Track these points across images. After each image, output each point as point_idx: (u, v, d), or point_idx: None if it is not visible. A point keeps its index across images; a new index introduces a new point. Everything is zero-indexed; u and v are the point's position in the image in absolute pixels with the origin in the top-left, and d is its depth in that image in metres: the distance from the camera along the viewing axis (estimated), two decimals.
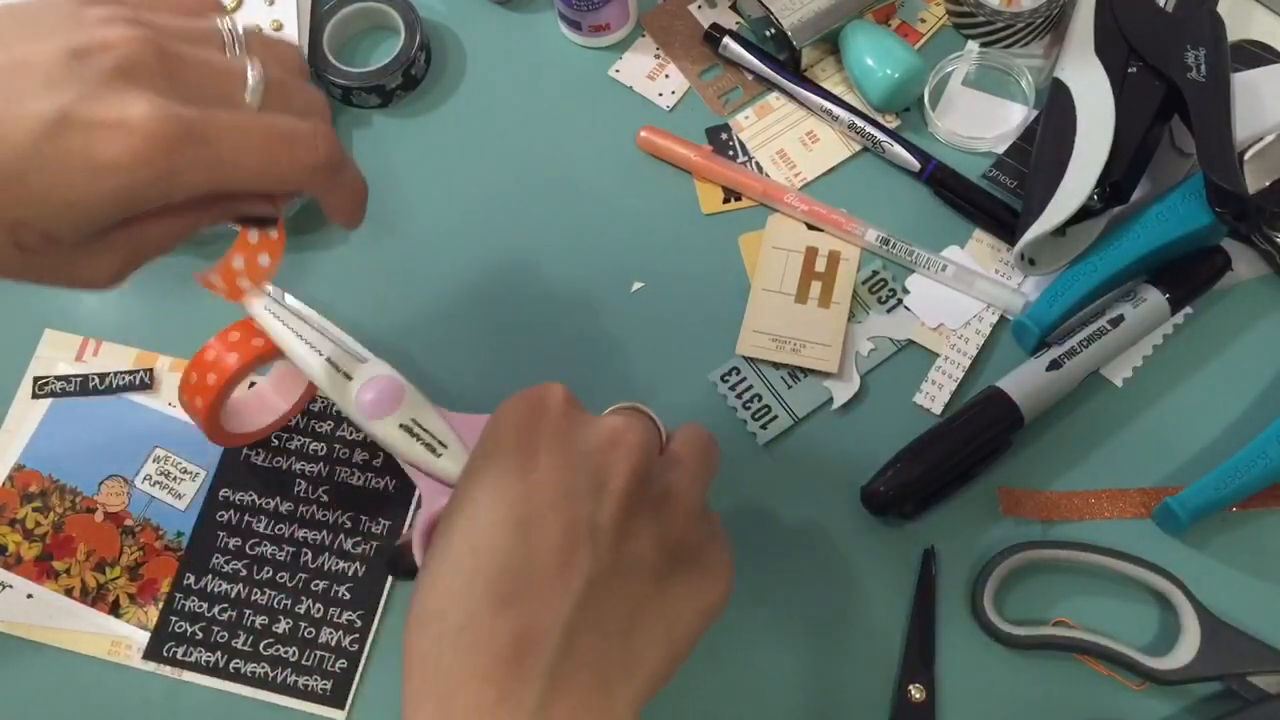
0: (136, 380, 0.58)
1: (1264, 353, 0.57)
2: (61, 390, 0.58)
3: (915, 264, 0.59)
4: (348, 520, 0.56)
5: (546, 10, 0.67)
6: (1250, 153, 0.57)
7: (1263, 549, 0.54)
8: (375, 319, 0.60)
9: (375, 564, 0.55)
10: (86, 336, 0.60)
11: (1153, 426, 0.56)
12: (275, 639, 0.54)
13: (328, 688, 0.53)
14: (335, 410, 0.58)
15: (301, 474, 0.57)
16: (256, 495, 0.57)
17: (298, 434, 0.58)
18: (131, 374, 0.59)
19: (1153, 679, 0.51)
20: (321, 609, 0.54)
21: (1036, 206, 0.56)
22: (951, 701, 0.52)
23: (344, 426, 0.58)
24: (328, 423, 0.58)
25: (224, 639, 0.54)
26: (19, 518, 0.56)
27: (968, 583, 0.53)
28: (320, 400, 0.58)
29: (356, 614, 0.54)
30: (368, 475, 0.57)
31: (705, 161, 0.62)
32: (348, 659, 0.53)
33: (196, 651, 0.54)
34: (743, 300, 0.59)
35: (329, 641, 0.54)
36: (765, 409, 0.57)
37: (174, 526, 0.56)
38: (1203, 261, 0.57)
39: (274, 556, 0.55)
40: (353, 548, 0.56)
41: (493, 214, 0.62)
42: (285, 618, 0.54)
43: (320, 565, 0.55)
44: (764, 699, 0.52)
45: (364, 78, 0.64)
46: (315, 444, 0.58)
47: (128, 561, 0.55)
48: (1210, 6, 0.60)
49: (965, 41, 0.65)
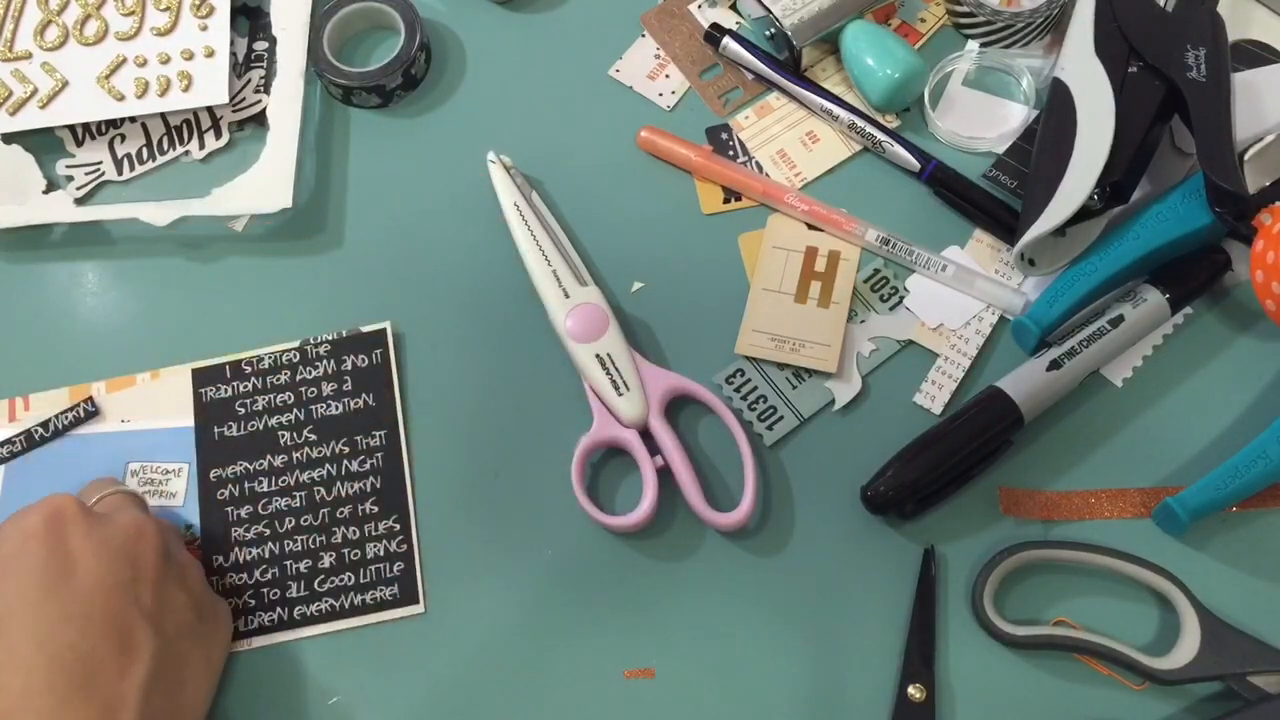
0: (81, 413, 0.57)
1: (1264, 353, 0.57)
2: (9, 454, 0.57)
3: (915, 264, 0.59)
4: (344, 446, 0.57)
5: (546, 10, 0.67)
6: (1250, 153, 0.57)
7: (1263, 549, 0.54)
8: (375, 318, 0.60)
9: (388, 471, 0.56)
10: (10, 397, 0.58)
11: (1153, 426, 0.56)
12: (326, 573, 0.55)
13: (396, 592, 0.54)
14: (288, 359, 0.58)
15: (280, 426, 0.58)
16: (247, 462, 0.57)
17: (259, 394, 0.58)
18: (72, 409, 0.58)
19: (1153, 679, 0.51)
20: (356, 530, 0.55)
21: (1036, 206, 0.56)
22: (951, 701, 0.52)
23: (304, 369, 0.58)
24: (283, 374, 0.58)
25: (277, 595, 0.55)
26: None
27: (968, 583, 0.53)
28: (270, 355, 0.59)
29: (391, 519, 0.55)
30: (344, 400, 0.58)
31: (705, 161, 0.62)
32: (403, 560, 0.55)
33: (257, 617, 0.54)
34: (742, 300, 0.59)
35: (377, 553, 0.55)
36: (771, 409, 0.57)
37: (181, 523, 0.56)
38: (1203, 261, 0.57)
39: (289, 506, 0.56)
40: (359, 466, 0.56)
41: (493, 214, 0.62)
42: (326, 552, 0.55)
43: (336, 494, 0.56)
44: (764, 698, 0.52)
45: (364, 78, 0.64)
46: (280, 395, 0.58)
47: None
48: (1210, 6, 0.60)
49: (965, 41, 0.65)
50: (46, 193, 0.62)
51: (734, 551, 0.55)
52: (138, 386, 0.58)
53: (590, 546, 0.55)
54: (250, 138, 0.65)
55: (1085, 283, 0.56)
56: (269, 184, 0.61)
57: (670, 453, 0.54)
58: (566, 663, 0.53)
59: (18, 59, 0.64)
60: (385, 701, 0.53)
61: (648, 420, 0.55)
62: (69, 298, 0.61)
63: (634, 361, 0.56)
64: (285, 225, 0.63)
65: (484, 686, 0.53)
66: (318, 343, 0.59)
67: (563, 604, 0.54)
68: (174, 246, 0.62)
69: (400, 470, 0.56)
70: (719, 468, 0.56)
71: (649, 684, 0.53)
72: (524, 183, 0.60)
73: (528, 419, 0.58)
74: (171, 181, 0.64)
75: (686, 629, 0.53)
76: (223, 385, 0.58)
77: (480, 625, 0.54)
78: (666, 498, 0.55)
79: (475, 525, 0.56)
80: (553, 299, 0.57)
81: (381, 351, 0.59)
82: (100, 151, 0.64)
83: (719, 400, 0.56)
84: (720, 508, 0.54)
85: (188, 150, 0.64)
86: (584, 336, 0.55)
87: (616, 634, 0.53)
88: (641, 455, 0.55)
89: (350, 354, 0.59)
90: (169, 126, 0.65)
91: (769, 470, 0.56)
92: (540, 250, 0.58)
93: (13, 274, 0.62)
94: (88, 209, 0.62)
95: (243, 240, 0.62)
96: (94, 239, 0.63)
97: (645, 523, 0.54)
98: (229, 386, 0.58)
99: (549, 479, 0.56)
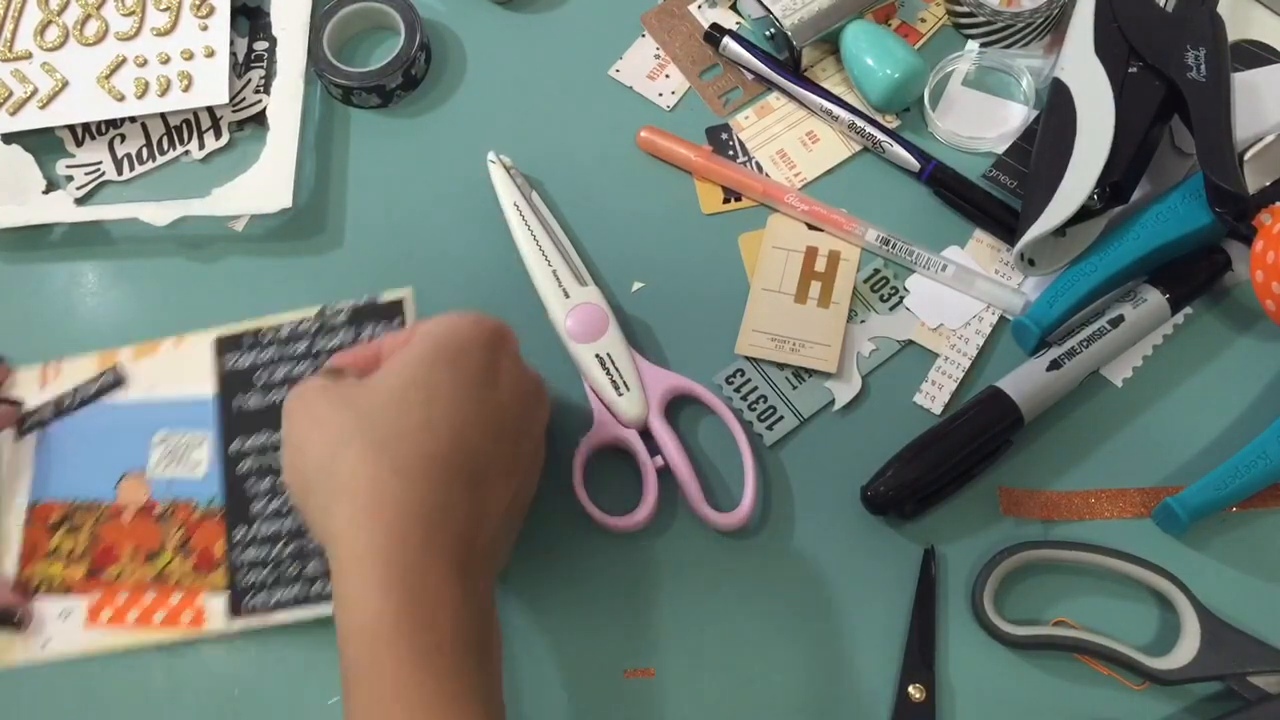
0: (107, 383, 0.58)
1: (1264, 353, 0.57)
2: (39, 422, 0.58)
3: (915, 264, 0.59)
4: None
5: (546, 10, 0.67)
6: (1250, 153, 0.57)
7: (1263, 549, 0.54)
8: None
9: None
10: (43, 363, 0.59)
11: (1153, 426, 0.56)
12: None
13: None
14: (306, 328, 0.58)
15: None
16: (270, 432, 0.57)
17: (278, 364, 0.58)
18: (98, 379, 0.58)
19: (1153, 679, 0.51)
20: None
21: (1036, 207, 0.56)
22: (951, 701, 0.52)
23: (322, 338, 0.58)
24: (301, 343, 0.58)
25: (298, 570, 0.54)
26: (53, 548, 0.56)
27: (968, 583, 0.53)
28: (289, 325, 0.58)
29: None
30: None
31: (705, 161, 0.62)
32: None
33: (277, 592, 0.54)
34: (743, 300, 0.59)
35: None
36: (771, 409, 0.57)
37: (203, 495, 0.56)
38: (1203, 261, 0.57)
39: None
40: None
41: (492, 214, 0.62)
42: None
43: None
44: (764, 698, 0.52)
45: (364, 78, 0.64)
46: (299, 366, 0.58)
47: (173, 543, 0.56)
48: (1210, 6, 0.60)
49: (965, 41, 0.65)
50: (46, 193, 0.62)
51: (734, 552, 0.55)
52: (161, 354, 0.59)
53: (590, 546, 0.55)
54: (250, 138, 0.65)
55: (1085, 283, 0.56)
56: (269, 184, 0.61)
57: (670, 453, 0.55)
58: (566, 663, 0.53)
59: (18, 59, 0.64)
60: None
61: (648, 420, 0.55)
62: (69, 297, 0.61)
63: (634, 361, 0.56)
64: (285, 225, 0.63)
65: None
66: (336, 311, 0.58)
67: (563, 604, 0.54)
68: (174, 246, 0.62)
69: None
70: (719, 468, 0.56)
71: (649, 684, 0.53)
72: (524, 183, 0.60)
73: None
74: (171, 181, 0.64)
75: (687, 629, 0.53)
76: (243, 354, 0.58)
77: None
78: (667, 498, 0.55)
79: None
80: (553, 299, 0.57)
81: (400, 320, 0.58)
82: (100, 151, 0.64)
83: (719, 400, 0.56)
84: (720, 508, 0.54)
85: (188, 150, 0.64)
86: (584, 336, 0.55)
87: (616, 634, 0.53)
88: (642, 455, 0.55)
89: (369, 323, 0.58)
90: (169, 126, 0.65)
91: (769, 470, 0.56)
92: (540, 250, 0.58)
93: (13, 274, 0.62)
94: (88, 209, 0.62)
95: (243, 240, 0.62)
96: (94, 239, 0.63)
97: (646, 523, 0.54)
98: (249, 355, 0.58)
99: (549, 479, 0.56)
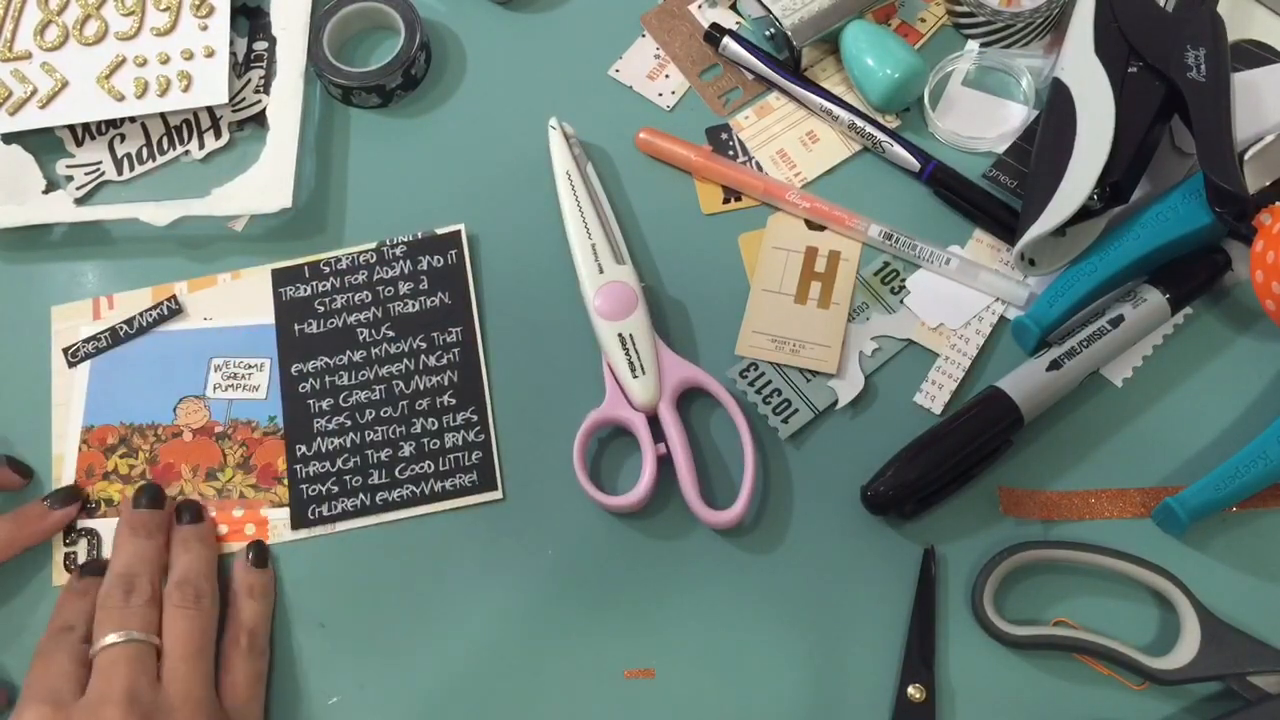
0: (165, 311, 0.60)
1: (1264, 353, 0.57)
2: (95, 349, 0.59)
3: (919, 258, 0.59)
4: (421, 342, 0.59)
5: (546, 10, 0.67)
6: (1250, 153, 0.56)
7: (1263, 549, 0.54)
8: None
9: (465, 365, 0.58)
10: (95, 296, 0.61)
11: (1153, 426, 0.56)
12: (406, 461, 0.57)
13: (475, 478, 0.56)
14: (365, 259, 0.60)
15: (359, 324, 0.59)
16: (327, 358, 0.59)
17: (338, 293, 0.60)
18: (156, 307, 0.60)
19: (1153, 679, 0.51)
20: (435, 421, 0.57)
21: (1036, 206, 0.56)
22: (951, 701, 0.52)
23: (380, 269, 0.60)
24: (360, 273, 0.60)
25: (359, 482, 0.57)
26: (111, 469, 0.57)
27: (967, 583, 0.53)
28: (348, 256, 0.61)
29: (469, 410, 0.57)
30: (420, 299, 0.60)
31: (705, 161, 0.62)
32: (480, 449, 0.57)
33: (340, 502, 0.56)
34: (743, 300, 0.59)
35: (455, 443, 0.57)
36: (786, 403, 0.57)
37: (264, 414, 0.58)
38: (1203, 261, 0.57)
39: (370, 399, 0.58)
40: (436, 361, 0.58)
41: (493, 213, 0.62)
42: (406, 442, 0.57)
43: (415, 388, 0.58)
44: (765, 698, 0.52)
45: (364, 78, 0.64)
46: (357, 295, 0.60)
47: (234, 460, 0.57)
48: (1210, 6, 0.60)
49: (965, 41, 0.65)
50: (46, 193, 0.62)
51: (735, 552, 0.55)
52: (219, 287, 0.60)
53: (591, 546, 0.55)
54: (250, 138, 0.65)
55: (1085, 283, 0.56)
56: (269, 184, 0.61)
57: (674, 442, 0.55)
58: (566, 663, 0.53)
59: (18, 59, 0.64)
60: (383, 703, 0.53)
61: (658, 406, 0.55)
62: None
63: (655, 346, 0.56)
64: (285, 225, 0.63)
65: (483, 688, 0.53)
66: (394, 244, 0.61)
67: (562, 604, 0.54)
68: (174, 246, 0.62)
69: (476, 365, 0.58)
70: (722, 464, 0.56)
71: (649, 684, 0.53)
72: (581, 153, 0.61)
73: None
74: (171, 181, 0.64)
75: (687, 629, 0.53)
76: (301, 285, 0.60)
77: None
78: (665, 492, 0.55)
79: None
80: (586, 272, 0.58)
81: (456, 252, 0.60)
82: (100, 151, 0.64)
83: (731, 398, 0.56)
84: (720, 504, 0.54)
85: (188, 150, 0.64)
86: (611, 314, 0.56)
87: (616, 634, 0.53)
88: (645, 440, 0.55)
89: (426, 254, 0.60)
90: (169, 126, 0.65)
91: (770, 469, 0.56)
92: (584, 221, 0.58)
93: (13, 274, 0.62)
94: (88, 209, 0.62)
95: (243, 240, 0.62)
96: (94, 239, 0.63)
97: (639, 505, 0.54)
98: (308, 286, 0.60)
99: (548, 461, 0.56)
